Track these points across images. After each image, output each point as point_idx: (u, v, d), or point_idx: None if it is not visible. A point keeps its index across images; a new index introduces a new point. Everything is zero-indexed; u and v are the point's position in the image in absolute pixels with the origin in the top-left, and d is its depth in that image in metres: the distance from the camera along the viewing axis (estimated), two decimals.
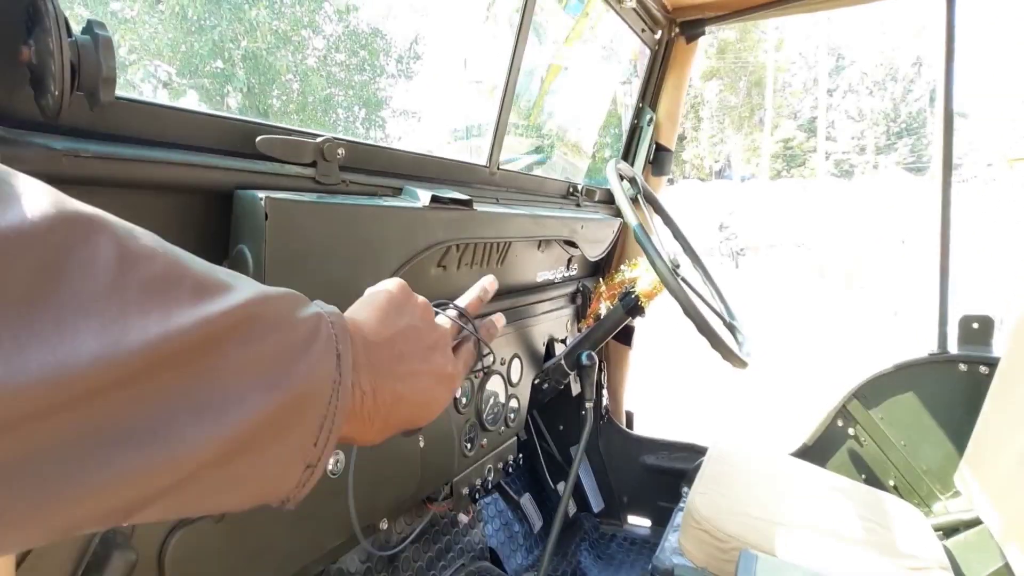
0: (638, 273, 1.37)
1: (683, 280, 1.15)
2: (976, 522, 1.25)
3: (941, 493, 1.42)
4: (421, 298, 0.42)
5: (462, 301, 0.51)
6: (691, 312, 1.08)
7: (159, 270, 0.23)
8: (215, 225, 0.63)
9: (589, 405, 1.36)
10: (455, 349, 0.46)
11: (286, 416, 0.26)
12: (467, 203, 0.90)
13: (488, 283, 0.54)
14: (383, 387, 0.35)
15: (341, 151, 0.73)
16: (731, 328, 1.31)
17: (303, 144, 0.68)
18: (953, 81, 1.41)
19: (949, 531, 1.30)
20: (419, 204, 0.82)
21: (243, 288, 0.26)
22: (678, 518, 1.41)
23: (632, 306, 1.33)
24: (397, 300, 0.39)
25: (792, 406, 3.66)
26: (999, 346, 1.39)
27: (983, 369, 1.36)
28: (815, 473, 1.36)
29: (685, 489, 1.59)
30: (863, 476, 1.51)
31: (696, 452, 1.71)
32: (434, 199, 0.83)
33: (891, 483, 1.48)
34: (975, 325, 1.42)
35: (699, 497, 1.19)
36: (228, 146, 0.63)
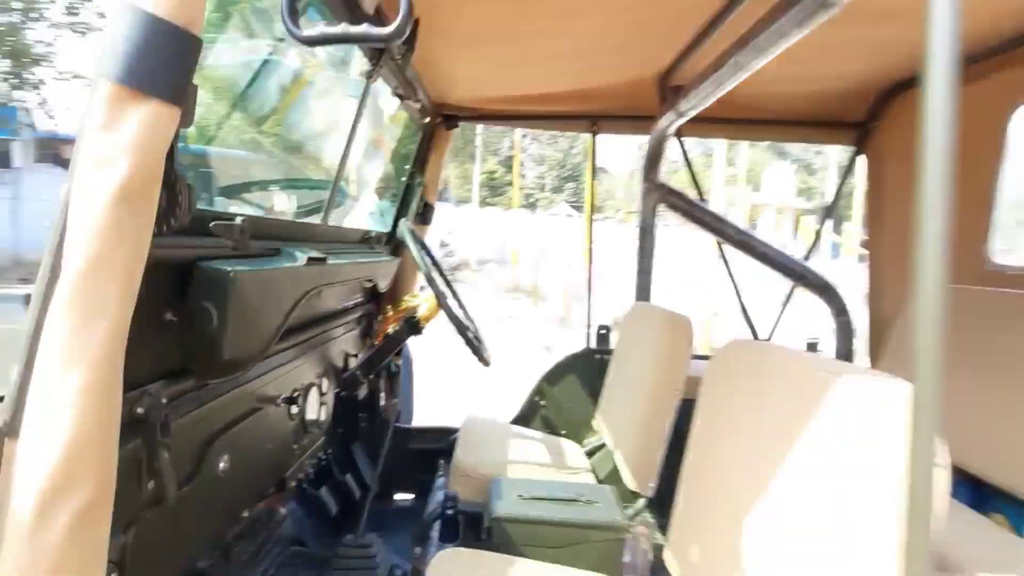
0: (418, 302, 1.87)
1: (457, 303, 1.71)
2: (603, 446, 2.19)
3: (588, 433, 2.37)
4: None
5: None
6: (460, 328, 1.65)
7: None
8: (176, 286, 0.86)
9: (383, 404, 1.79)
10: None
11: None
12: (323, 260, 1.25)
13: None
14: None
15: (247, 226, 1.01)
16: (478, 337, 1.93)
17: (232, 225, 0.96)
18: (596, 147, 2.41)
19: (591, 453, 2.22)
20: (299, 264, 1.14)
21: None
22: (440, 481, 1.96)
23: (413, 326, 1.82)
24: None
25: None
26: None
27: (606, 358, 2.36)
28: (524, 432, 2.12)
29: (441, 461, 2.16)
30: (549, 429, 2.36)
31: (448, 432, 2.30)
32: (309, 259, 1.16)
33: (563, 431, 2.37)
34: (603, 330, 2.43)
35: (462, 454, 1.77)
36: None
